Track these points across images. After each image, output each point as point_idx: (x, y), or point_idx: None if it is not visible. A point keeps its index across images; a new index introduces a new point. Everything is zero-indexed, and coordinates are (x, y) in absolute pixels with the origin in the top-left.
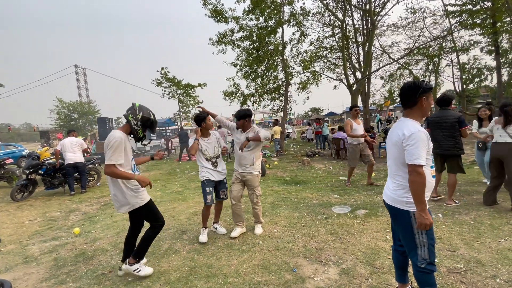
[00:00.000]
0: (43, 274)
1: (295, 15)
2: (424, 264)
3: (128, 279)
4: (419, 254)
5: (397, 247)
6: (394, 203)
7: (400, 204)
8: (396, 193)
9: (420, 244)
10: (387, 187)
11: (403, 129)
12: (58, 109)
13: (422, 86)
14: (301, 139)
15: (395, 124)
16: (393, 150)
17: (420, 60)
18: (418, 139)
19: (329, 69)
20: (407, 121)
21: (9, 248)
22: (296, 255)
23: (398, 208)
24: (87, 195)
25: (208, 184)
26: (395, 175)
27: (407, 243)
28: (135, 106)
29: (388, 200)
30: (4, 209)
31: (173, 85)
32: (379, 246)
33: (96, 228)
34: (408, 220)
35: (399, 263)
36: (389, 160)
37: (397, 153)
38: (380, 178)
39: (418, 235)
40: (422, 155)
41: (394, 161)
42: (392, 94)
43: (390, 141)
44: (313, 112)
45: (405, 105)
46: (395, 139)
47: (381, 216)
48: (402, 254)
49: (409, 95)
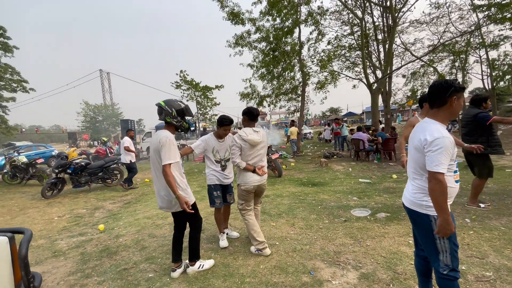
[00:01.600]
0: (70, 267)
1: (312, 14)
2: (446, 271)
3: (148, 275)
4: (441, 260)
5: (419, 252)
6: (413, 206)
7: (420, 208)
8: (415, 196)
9: (442, 250)
10: (406, 190)
11: (426, 132)
12: (84, 112)
13: (454, 85)
14: (318, 139)
15: (418, 125)
16: (414, 152)
17: (445, 57)
18: (441, 145)
19: (348, 68)
20: (431, 123)
21: (40, 243)
22: (313, 258)
23: (417, 211)
24: (110, 194)
25: (216, 188)
26: (414, 178)
27: (428, 248)
28: (163, 106)
29: (407, 203)
30: (35, 206)
31: (191, 88)
32: (401, 251)
33: (119, 225)
34: (428, 224)
35: (422, 269)
36: (410, 162)
37: (417, 156)
38: (403, 180)
39: (439, 240)
40: (444, 162)
41: (414, 163)
42: (415, 93)
43: (412, 143)
44: (331, 112)
45: (432, 104)
46: (417, 143)
47: (403, 220)
48: (424, 259)
49: (439, 94)
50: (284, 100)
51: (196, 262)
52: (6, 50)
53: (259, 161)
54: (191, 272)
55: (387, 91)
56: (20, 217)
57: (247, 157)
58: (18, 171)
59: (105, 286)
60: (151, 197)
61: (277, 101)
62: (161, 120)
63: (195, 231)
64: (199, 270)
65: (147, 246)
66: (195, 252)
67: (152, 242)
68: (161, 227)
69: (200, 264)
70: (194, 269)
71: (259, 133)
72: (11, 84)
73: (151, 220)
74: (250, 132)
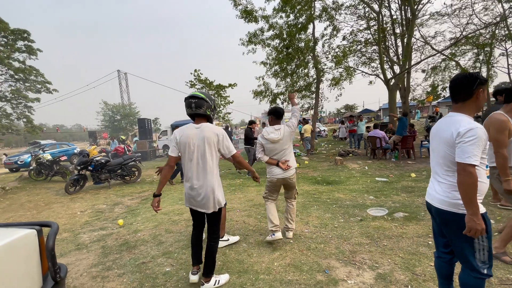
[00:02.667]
0: (92, 260)
1: (327, 9)
2: (485, 269)
3: (166, 269)
4: (477, 258)
5: (440, 254)
6: (446, 206)
7: (455, 208)
8: (449, 194)
9: (479, 248)
10: (433, 189)
11: (457, 125)
12: (103, 111)
13: (479, 77)
14: (333, 137)
15: (442, 120)
16: (443, 148)
17: (468, 50)
18: (475, 135)
19: (364, 64)
20: (459, 116)
21: (64, 236)
22: (328, 257)
23: (452, 212)
24: (129, 190)
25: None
26: (445, 175)
27: (462, 249)
28: (205, 99)
29: (437, 204)
30: (60, 201)
31: (205, 86)
32: (419, 252)
33: (137, 221)
34: (464, 224)
35: (444, 272)
36: (437, 159)
37: (449, 151)
38: (422, 179)
39: (478, 239)
40: (476, 154)
41: (444, 160)
42: (435, 89)
43: (439, 139)
44: (346, 109)
45: (457, 98)
46: (447, 137)
47: (423, 220)
48: (447, 262)
49: (464, 87)
50: (298, 98)
51: (211, 278)
52: (31, 53)
53: (282, 156)
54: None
55: (406, 86)
56: (46, 212)
57: (270, 153)
58: (43, 168)
59: (125, 278)
60: (168, 193)
61: None
62: (198, 113)
63: (214, 240)
64: (215, 287)
65: (164, 241)
66: (211, 266)
67: (169, 237)
68: (177, 223)
69: (216, 280)
70: (209, 286)
71: (280, 131)
72: (35, 85)
73: (168, 216)
74: (272, 131)
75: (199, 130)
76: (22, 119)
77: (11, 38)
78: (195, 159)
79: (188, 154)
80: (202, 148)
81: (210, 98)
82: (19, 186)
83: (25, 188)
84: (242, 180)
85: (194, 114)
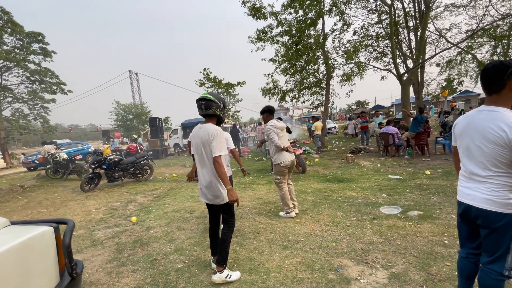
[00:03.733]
0: (107, 256)
1: (336, 4)
2: (508, 272)
3: (178, 265)
4: (508, 261)
5: (469, 255)
6: (493, 207)
7: (503, 207)
8: (498, 194)
9: None
10: (474, 190)
11: (508, 122)
12: (116, 111)
13: (511, 66)
14: (343, 134)
15: (477, 115)
16: (488, 146)
17: (485, 42)
18: None
19: (376, 59)
20: (504, 111)
21: (80, 233)
22: (340, 255)
23: (498, 212)
24: (141, 188)
25: None
26: (493, 176)
27: (498, 249)
28: (214, 100)
29: (483, 204)
30: (75, 199)
31: (214, 85)
32: (435, 251)
33: (150, 218)
34: (510, 224)
35: (468, 273)
36: (477, 158)
37: (499, 151)
38: (437, 176)
39: None
40: None
41: (490, 158)
42: (450, 83)
43: (478, 135)
44: (357, 105)
45: (489, 90)
46: (494, 135)
47: (438, 219)
48: (474, 262)
49: (495, 77)
50: (308, 94)
51: (224, 269)
52: (46, 55)
53: (286, 142)
54: (217, 279)
55: (419, 81)
56: (62, 209)
57: (279, 139)
58: (59, 167)
59: (139, 274)
60: (179, 191)
61: (300, 95)
62: (208, 113)
63: (229, 229)
64: (226, 279)
65: (176, 238)
66: (224, 254)
67: (181, 235)
68: (188, 221)
69: (228, 274)
70: (221, 277)
71: (280, 121)
72: (51, 86)
73: (179, 214)
74: (276, 122)
75: (200, 130)
76: (39, 120)
77: (26, 41)
78: (198, 156)
79: (196, 152)
80: (200, 146)
81: (219, 98)
82: (37, 185)
83: (42, 186)
84: (252, 178)
85: (204, 114)
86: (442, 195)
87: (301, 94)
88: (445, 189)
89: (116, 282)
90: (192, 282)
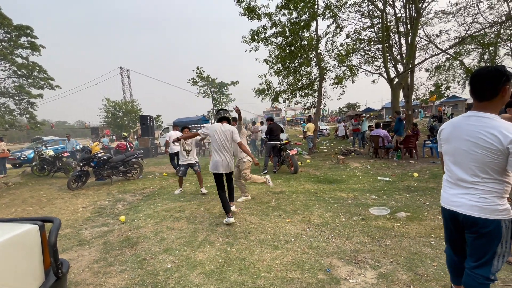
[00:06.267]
0: (94, 256)
1: (330, 7)
2: (494, 276)
3: (167, 266)
4: (494, 265)
5: (460, 258)
6: (481, 213)
7: (491, 213)
8: (486, 201)
9: (500, 254)
10: (461, 197)
11: (500, 129)
12: (105, 108)
13: (506, 73)
14: (335, 136)
15: (465, 121)
16: (478, 152)
17: (473, 49)
18: None
19: (367, 63)
20: (494, 117)
21: (66, 232)
22: (330, 255)
23: (486, 218)
24: (131, 186)
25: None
26: (481, 182)
27: (484, 254)
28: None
29: (471, 211)
30: (62, 197)
31: (207, 84)
32: (422, 252)
33: (139, 217)
34: (498, 230)
35: (457, 271)
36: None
37: (490, 158)
38: (424, 179)
39: (502, 244)
40: None
41: (478, 164)
42: (439, 88)
43: (467, 141)
44: (348, 108)
45: (481, 96)
46: (485, 141)
47: (425, 220)
48: (461, 263)
49: (489, 83)
50: (300, 96)
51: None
52: (34, 49)
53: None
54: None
55: (409, 86)
56: (48, 207)
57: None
58: (46, 164)
59: (127, 274)
60: (169, 190)
61: (292, 96)
62: (223, 119)
63: (231, 184)
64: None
65: (165, 238)
66: (233, 195)
67: (170, 234)
68: (178, 220)
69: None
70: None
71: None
72: (38, 81)
73: (169, 213)
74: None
75: (223, 126)
76: (25, 115)
77: (14, 34)
78: (220, 143)
79: (218, 141)
80: (224, 137)
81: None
82: (22, 182)
83: (27, 183)
84: None
85: (223, 117)
86: (430, 197)
87: (294, 96)
88: (432, 191)
89: (103, 282)
90: (182, 283)
